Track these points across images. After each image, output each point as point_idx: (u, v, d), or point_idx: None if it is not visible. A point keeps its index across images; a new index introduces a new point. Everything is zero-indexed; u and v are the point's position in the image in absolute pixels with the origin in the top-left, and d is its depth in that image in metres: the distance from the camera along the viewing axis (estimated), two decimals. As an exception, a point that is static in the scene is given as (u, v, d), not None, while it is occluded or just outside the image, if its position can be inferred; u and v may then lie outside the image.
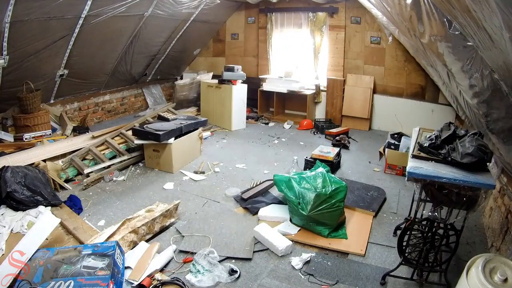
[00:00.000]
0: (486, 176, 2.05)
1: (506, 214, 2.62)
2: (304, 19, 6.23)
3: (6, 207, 2.89)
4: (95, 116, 5.89)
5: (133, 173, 4.03)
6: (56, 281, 2.00)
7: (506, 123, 2.33)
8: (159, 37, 5.86)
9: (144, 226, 2.70)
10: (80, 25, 4.18)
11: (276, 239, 2.69)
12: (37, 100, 4.38)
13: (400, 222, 3.02)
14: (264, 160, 4.50)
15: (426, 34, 2.72)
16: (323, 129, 5.73)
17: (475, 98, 2.61)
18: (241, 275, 2.40)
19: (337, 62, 6.16)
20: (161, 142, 3.90)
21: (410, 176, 2.14)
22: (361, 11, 5.65)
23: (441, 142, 2.24)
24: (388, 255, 2.66)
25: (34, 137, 4.31)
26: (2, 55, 3.71)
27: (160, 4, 4.90)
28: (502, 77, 1.88)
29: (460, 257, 2.57)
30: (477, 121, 3.26)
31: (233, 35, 7.18)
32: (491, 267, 1.81)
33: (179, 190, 3.66)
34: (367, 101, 5.93)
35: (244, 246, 2.69)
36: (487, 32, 1.60)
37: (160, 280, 2.26)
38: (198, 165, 4.29)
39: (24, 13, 3.45)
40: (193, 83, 6.61)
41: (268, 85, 6.41)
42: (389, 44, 5.64)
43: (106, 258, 2.16)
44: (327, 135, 5.49)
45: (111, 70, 5.58)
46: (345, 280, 2.40)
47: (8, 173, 2.92)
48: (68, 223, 2.83)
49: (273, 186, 3.52)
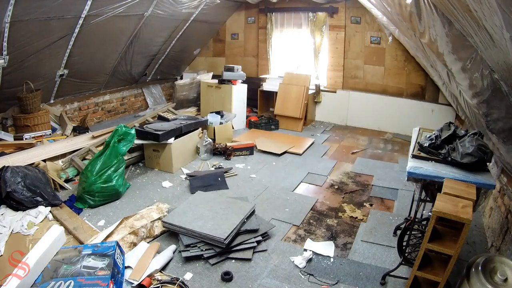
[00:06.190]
0: (486, 176, 2.05)
1: (506, 214, 2.62)
2: (304, 19, 6.22)
3: (6, 207, 2.89)
4: (95, 116, 5.88)
5: (133, 173, 4.03)
6: (56, 281, 2.00)
7: (506, 123, 2.33)
8: (159, 37, 5.86)
9: (143, 228, 2.70)
10: (80, 25, 4.18)
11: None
12: (37, 100, 4.38)
13: (400, 222, 3.02)
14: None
15: (426, 34, 2.72)
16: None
17: (475, 98, 2.62)
18: (240, 276, 2.40)
19: (337, 62, 6.16)
20: (161, 142, 3.90)
21: (410, 176, 2.15)
22: (361, 11, 5.65)
23: (441, 142, 2.24)
24: (388, 255, 2.66)
25: (34, 137, 4.31)
26: (2, 55, 3.70)
27: (160, 4, 4.90)
28: (502, 77, 1.88)
29: (460, 257, 2.56)
30: (477, 121, 3.26)
31: (233, 35, 7.18)
32: (491, 267, 1.81)
33: (179, 190, 3.66)
34: (299, 100, 5.79)
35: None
36: (487, 31, 1.60)
37: (160, 280, 2.26)
38: (198, 165, 4.29)
39: (24, 13, 3.45)
40: (193, 83, 6.61)
41: (268, 85, 6.41)
42: (389, 44, 5.64)
43: (106, 258, 2.16)
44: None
45: (111, 70, 5.58)
46: (345, 280, 2.40)
47: (8, 173, 2.92)
48: (68, 223, 2.83)
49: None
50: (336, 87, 6.28)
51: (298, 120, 5.86)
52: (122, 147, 3.38)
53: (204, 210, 2.90)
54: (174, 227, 2.72)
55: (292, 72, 6.15)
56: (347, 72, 6.18)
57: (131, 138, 3.49)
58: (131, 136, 3.48)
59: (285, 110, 5.94)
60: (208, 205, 2.98)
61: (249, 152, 4.65)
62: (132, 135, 3.49)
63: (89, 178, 3.20)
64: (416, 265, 1.97)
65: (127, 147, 3.44)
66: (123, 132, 3.40)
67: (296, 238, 2.89)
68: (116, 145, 3.33)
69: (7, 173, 2.92)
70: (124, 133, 3.41)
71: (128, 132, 3.45)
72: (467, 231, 1.78)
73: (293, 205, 3.39)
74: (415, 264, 1.97)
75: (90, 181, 3.18)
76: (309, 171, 4.19)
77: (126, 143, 3.43)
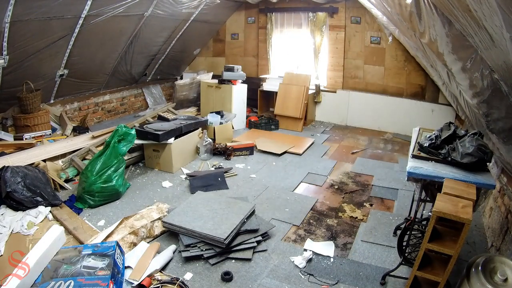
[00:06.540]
0: (486, 176, 2.05)
1: (506, 214, 2.62)
2: (304, 19, 6.22)
3: (6, 207, 2.89)
4: (95, 116, 5.88)
5: (133, 173, 4.03)
6: (56, 281, 2.00)
7: (506, 123, 2.33)
8: (159, 37, 5.86)
9: (143, 228, 2.70)
10: (80, 25, 4.18)
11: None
12: (37, 100, 4.38)
13: (400, 222, 3.02)
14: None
15: (426, 34, 2.72)
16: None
17: (475, 98, 2.62)
18: (240, 276, 2.40)
19: (337, 62, 6.16)
20: (161, 142, 3.90)
21: (410, 176, 2.15)
22: (361, 11, 5.65)
23: (441, 142, 2.24)
24: (388, 255, 2.66)
25: (34, 137, 4.31)
26: (2, 55, 3.70)
27: (160, 4, 4.90)
28: (502, 77, 1.88)
29: (460, 257, 2.56)
30: (477, 121, 3.26)
31: (233, 35, 7.18)
32: (491, 267, 1.81)
33: (179, 190, 3.66)
34: (299, 100, 5.79)
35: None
36: (487, 31, 1.60)
37: (160, 280, 2.26)
38: (198, 165, 4.29)
39: (24, 13, 3.45)
40: (193, 83, 6.61)
41: (268, 85, 6.41)
42: (389, 44, 5.64)
43: (106, 258, 2.16)
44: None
45: (111, 70, 5.58)
46: (345, 280, 2.40)
47: (8, 173, 2.92)
48: (68, 223, 2.83)
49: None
50: (336, 87, 6.28)
51: (298, 120, 5.86)
52: (122, 147, 3.38)
53: (204, 210, 2.90)
54: (174, 227, 2.72)
55: (292, 72, 6.14)
56: (347, 72, 6.18)
57: (131, 138, 3.49)
58: (131, 136, 3.48)
59: (285, 110, 5.93)
60: (208, 205, 2.98)
61: (249, 152, 4.65)
62: (133, 135, 3.50)
63: (89, 178, 3.20)
64: (416, 265, 1.97)
65: (127, 148, 3.45)
66: (123, 133, 3.40)
67: (296, 238, 2.89)
68: (116, 145, 3.33)
69: (7, 173, 2.92)
70: (124, 134, 3.41)
71: (129, 133, 3.45)
72: (467, 231, 1.78)
73: (293, 205, 3.39)
74: (415, 264, 1.97)
75: (90, 181, 3.18)
76: (309, 171, 4.19)
77: (126, 143, 3.43)
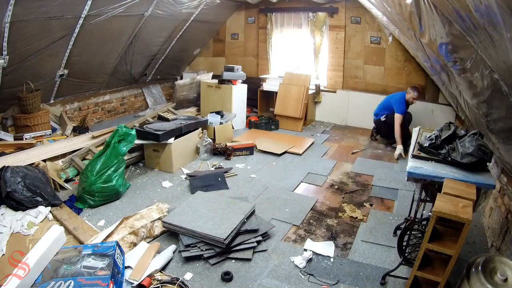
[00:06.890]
0: (486, 176, 2.05)
1: (506, 214, 2.62)
2: (304, 19, 6.22)
3: (6, 207, 2.89)
4: (95, 116, 5.88)
5: (133, 173, 4.03)
6: (56, 281, 2.00)
7: (506, 123, 2.33)
8: (159, 37, 5.86)
9: (143, 228, 2.70)
10: (80, 25, 4.18)
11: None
12: (37, 100, 4.38)
13: (400, 222, 3.02)
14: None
15: (426, 34, 2.72)
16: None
17: (475, 98, 2.62)
18: (240, 276, 2.40)
19: (337, 62, 6.16)
20: (161, 142, 3.90)
21: (410, 176, 2.15)
22: (361, 11, 5.65)
23: (441, 142, 2.24)
24: (388, 255, 2.66)
25: (34, 137, 4.31)
26: (2, 55, 3.70)
27: (160, 4, 4.90)
28: (502, 77, 1.88)
29: (460, 257, 2.56)
30: (477, 121, 3.26)
31: (233, 35, 7.18)
32: (491, 267, 1.81)
33: (179, 190, 3.66)
34: (299, 100, 5.78)
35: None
36: (487, 31, 1.60)
37: (160, 280, 2.26)
38: (198, 165, 4.29)
39: (24, 13, 3.45)
40: (193, 83, 6.61)
41: (268, 85, 6.41)
42: (389, 44, 5.64)
43: (106, 258, 2.15)
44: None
45: (111, 70, 5.58)
46: (345, 280, 2.40)
47: (8, 173, 2.92)
48: (68, 223, 2.83)
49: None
50: (336, 87, 6.28)
51: (298, 120, 5.86)
52: (123, 147, 3.38)
53: (204, 210, 2.90)
54: (174, 227, 2.72)
55: (292, 72, 6.14)
56: (347, 72, 6.17)
57: (132, 138, 3.49)
58: (131, 137, 3.48)
59: (285, 110, 5.93)
60: (208, 205, 2.98)
61: (249, 152, 4.65)
62: (133, 135, 3.50)
63: (89, 178, 3.20)
64: (416, 265, 1.97)
65: (128, 148, 3.45)
66: (123, 133, 3.40)
67: (296, 238, 2.89)
68: (117, 145, 3.33)
69: (7, 173, 2.92)
70: (124, 134, 3.41)
71: (129, 133, 3.45)
72: (467, 231, 1.78)
73: (293, 205, 3.39)
74: (415, 264, 1.97)
75: (90, 181, 3.19)
76: (309, 171, 4.19)
77: (126, 143, 3.43)
